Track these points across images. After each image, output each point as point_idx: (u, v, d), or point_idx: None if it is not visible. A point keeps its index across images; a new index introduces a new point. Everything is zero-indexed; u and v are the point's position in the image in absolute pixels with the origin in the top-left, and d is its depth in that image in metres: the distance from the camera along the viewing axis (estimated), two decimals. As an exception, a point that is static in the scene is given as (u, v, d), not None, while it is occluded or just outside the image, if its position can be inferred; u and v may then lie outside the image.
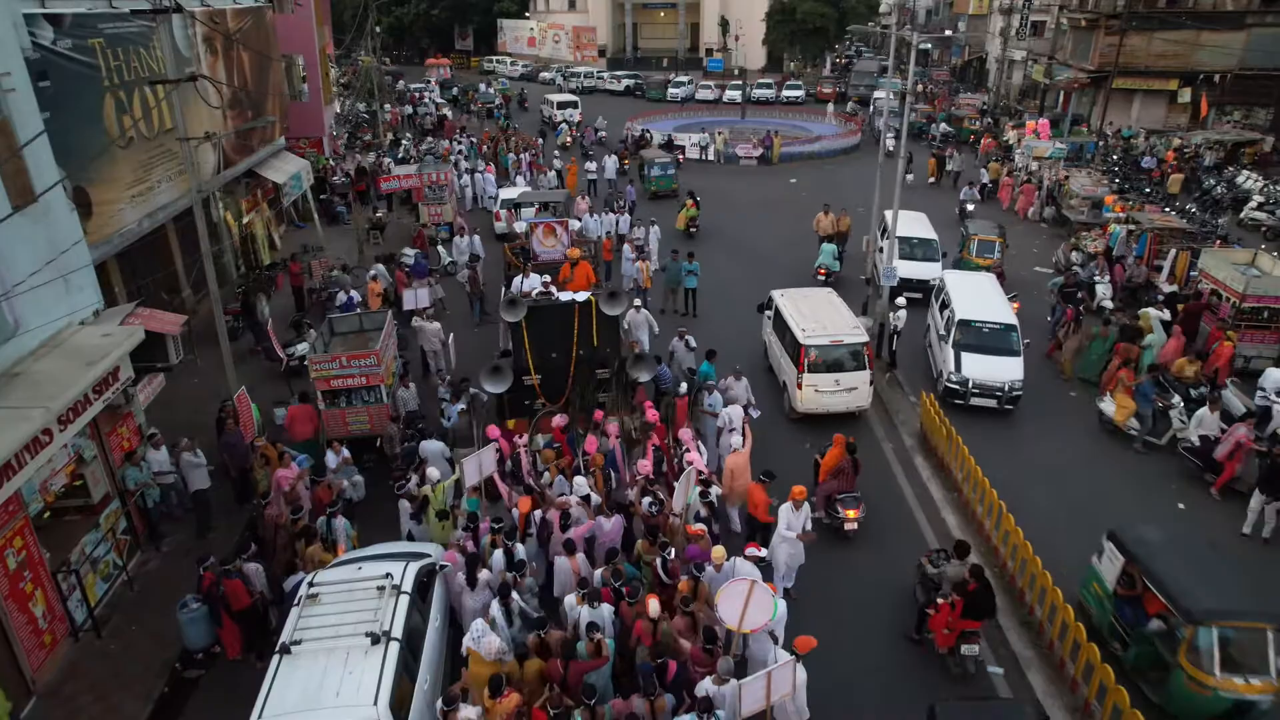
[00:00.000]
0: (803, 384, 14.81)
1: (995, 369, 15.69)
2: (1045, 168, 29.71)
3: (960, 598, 9.62)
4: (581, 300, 13.17)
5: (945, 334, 16.52)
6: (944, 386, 15.97)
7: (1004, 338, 16.05)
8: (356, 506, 13.29)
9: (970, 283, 17.92)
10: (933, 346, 17.69)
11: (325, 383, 13.74)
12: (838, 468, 12.28)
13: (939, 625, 9.85)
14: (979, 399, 15.65)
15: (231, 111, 20.35)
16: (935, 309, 18.05)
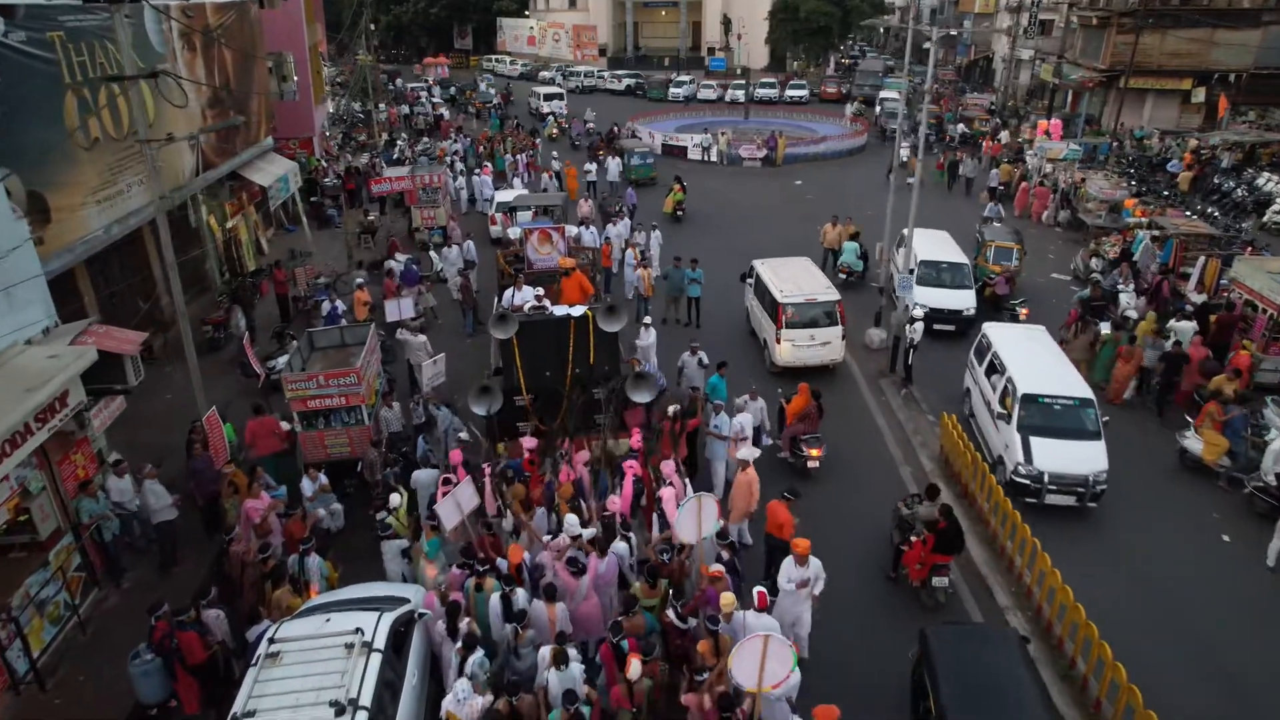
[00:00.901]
0: (781, 339, 16.40)
1: (1075, 458, 12.38)
2: (1060, 170, 28.70)
3: (931, 535, 10.55)
4: (578, 315, 12.20)
5: (1005, 412, 13.19)
6: (1010, 479, 12.56)
7: (1081, 416, 12.83)
8: (336, 537, 12.38)
9: (1023, 342, 14.70)
10: (978, 417, 14.72)
11: (302, 403, 12.76)
12: (803, 412, 13.63)
13: (912, 560, 10.82)
14: (1057, 496, 12.43)
15: (211, 111, 19.39)
16: (976, 368, 15.09)
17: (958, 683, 7.96)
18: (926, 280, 18.36)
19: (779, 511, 10.66)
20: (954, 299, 18.66)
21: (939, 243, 20.59)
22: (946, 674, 8.08)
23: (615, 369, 12.68)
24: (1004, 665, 8.14)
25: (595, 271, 16.93)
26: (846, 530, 12.32)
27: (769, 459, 13.35)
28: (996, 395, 13.78)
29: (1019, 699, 7.72)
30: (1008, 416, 13.09)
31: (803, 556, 9.20)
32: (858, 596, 11.12)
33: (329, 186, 29.74)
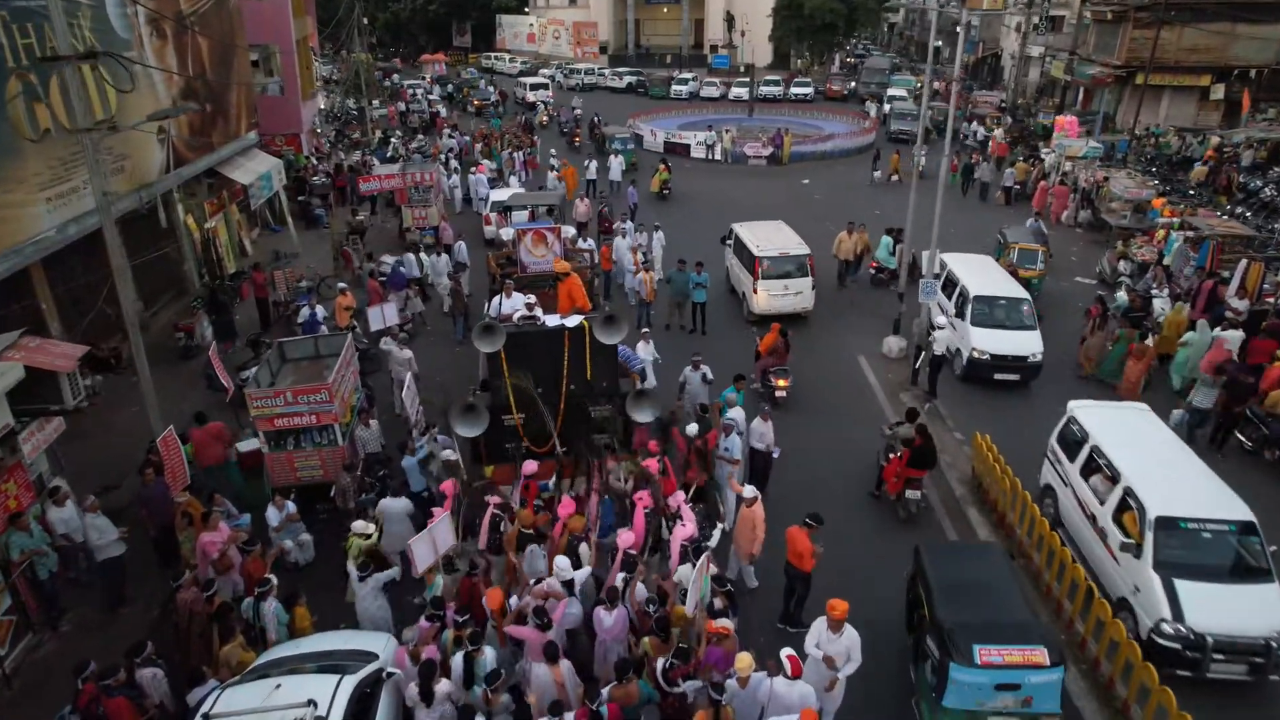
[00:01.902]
0: (758, 289, 18.11)
1: (1244, 610, 9.06)
2: (1080, 168, 27.47)
3: (907, 449, 11.50)
4: (572, 326, 10.98)
5: (1133, 542, 9.62)
6: (1150, 640, 9.10)
7: (1238, 549, 9.56)
8: (306, 572, 11.18)
9: (1134, 432, 11.10)
10: (1076, 534, 11.05)
11: (268, 421, 11.54)
12: (772, 347, 15.29)
13: (890, 474, 11.81)
14: (1224, 666, 8.95)
15: (185, 103, 18.14)
16: (1063, 462, 11.50)
17: (948, 587, 8.68)
18: (982, 319, 15.69)
19: (799, 539, 9.50)
20: (1017, 343, 15.54)
21: (990, 272, 17.45)
22: (938, 580, 8.82)
23: (614, 385, 11.46)
24: (989, 572, 8.96)
25: (595, 275, 15.70)
26: (869, 552, 11.32)
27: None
28: (1108, 511, 10.22)
29: (1003, 599, 8.55)
30: (1136, 548, 9.55)
31: (838, 621, 7.85)
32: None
33: (317, 185, 28.53)
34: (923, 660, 8.49)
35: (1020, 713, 7.80)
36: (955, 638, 7.92)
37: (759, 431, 11.92)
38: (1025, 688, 7.72)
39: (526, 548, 9.53)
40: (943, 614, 8.27)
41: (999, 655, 7.74)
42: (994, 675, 7.71)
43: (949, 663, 7.81)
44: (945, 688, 7.82)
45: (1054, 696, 7.80)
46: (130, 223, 17.64)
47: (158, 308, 19.95)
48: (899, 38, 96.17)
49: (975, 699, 7.77)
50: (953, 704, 7.81)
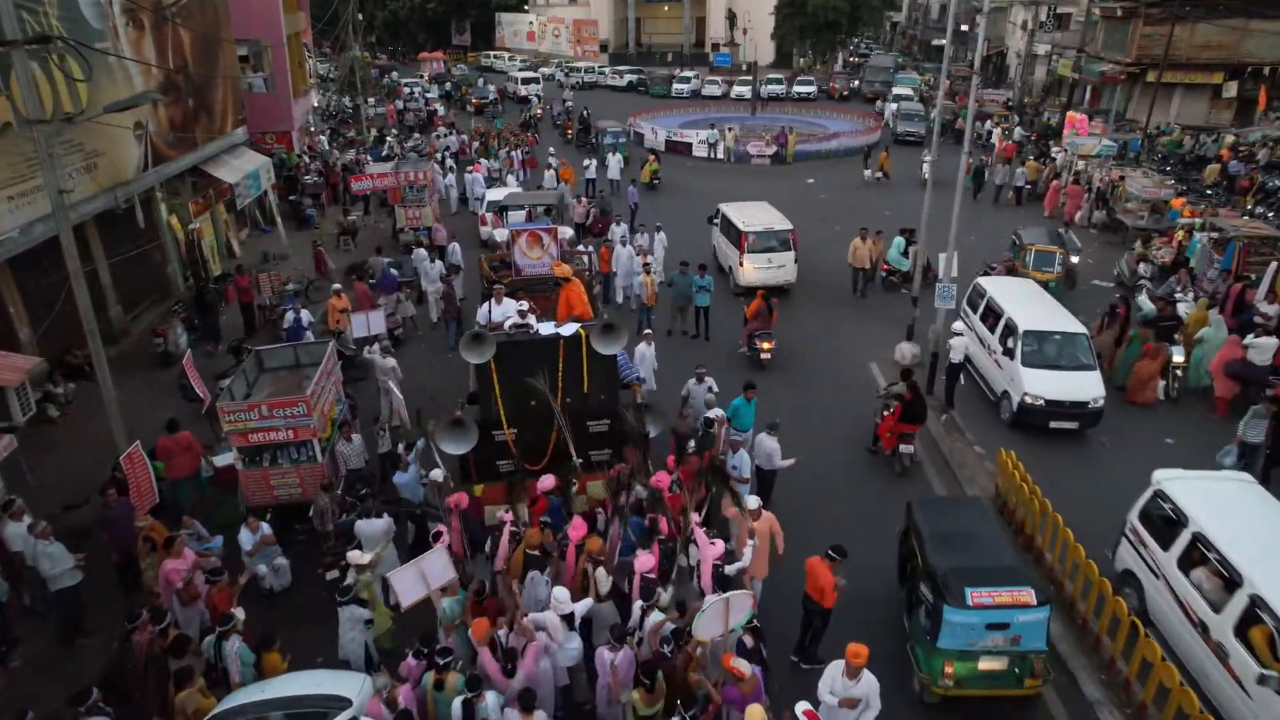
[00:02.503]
0: (744, 262, 19.20)
1: None
2: (1093, 167, 26.66)
3: (900, 405, 12.19)
4: (568, 334, 10.18)
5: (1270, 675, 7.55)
6: None
7: None
8: (281, 600, 10.42)
9: (1252, 518, 9.06)
10: (1177, 638, 9.02)
11: (242, 437, 10.76)
12: (757, 311, 16.17)
13: (884, 430, 12.65)
14: None
15: (166, 98, 17.37)
16: (1151, 547, 9.52)
17: (939, 536, 9.08)
18: (1034, 359, 13.70)
19: (820, 573, 8.72)
20: (1076, 386, 13.46)
21: (1038, 302, 15.18)
22: (929, 531, 9.20)
23: (613, 398, 10.67)
24: (977, 523, 9.39)
25: (594, 279, 14.91)
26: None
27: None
28: (1230, 622, 8.17)
29: (991, 546, 8.97)
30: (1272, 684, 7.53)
31: (856, 668, 7.12)
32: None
33: (309, 184, 27.74)
34: (916, 607, 8.96)
35: (1009, 651, 8.27)
36: (948, 581, 8.34)
37: (766, 449, 11.16)
38: (1014, 627, 8.16)
39: (529, 573, 8.74)
40: (935, 561, 8.69)
41: (989, 597, 8.19)
42: (985, 615, 8.16)
43: (943, 605, 8.22)
44: (939, 630, 8.24)
45: (1041, 635, 8.23)
46: (109, 223, 16.89)
47: (139, 311, 19.17)
48: (901, 36, 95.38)
49: (968, 639, 8.21)
50: (947, 645, 8.24)
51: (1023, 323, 14.07)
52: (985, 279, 15.96)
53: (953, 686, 8.33)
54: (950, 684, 8.33)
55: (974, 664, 8.31)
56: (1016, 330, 13.96)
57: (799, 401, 14.81)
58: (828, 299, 19.78)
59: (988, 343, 14.90)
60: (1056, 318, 14.60)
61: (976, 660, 8.29)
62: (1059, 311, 14.89)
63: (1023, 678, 8.33)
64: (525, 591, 8.56)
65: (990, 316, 15.10)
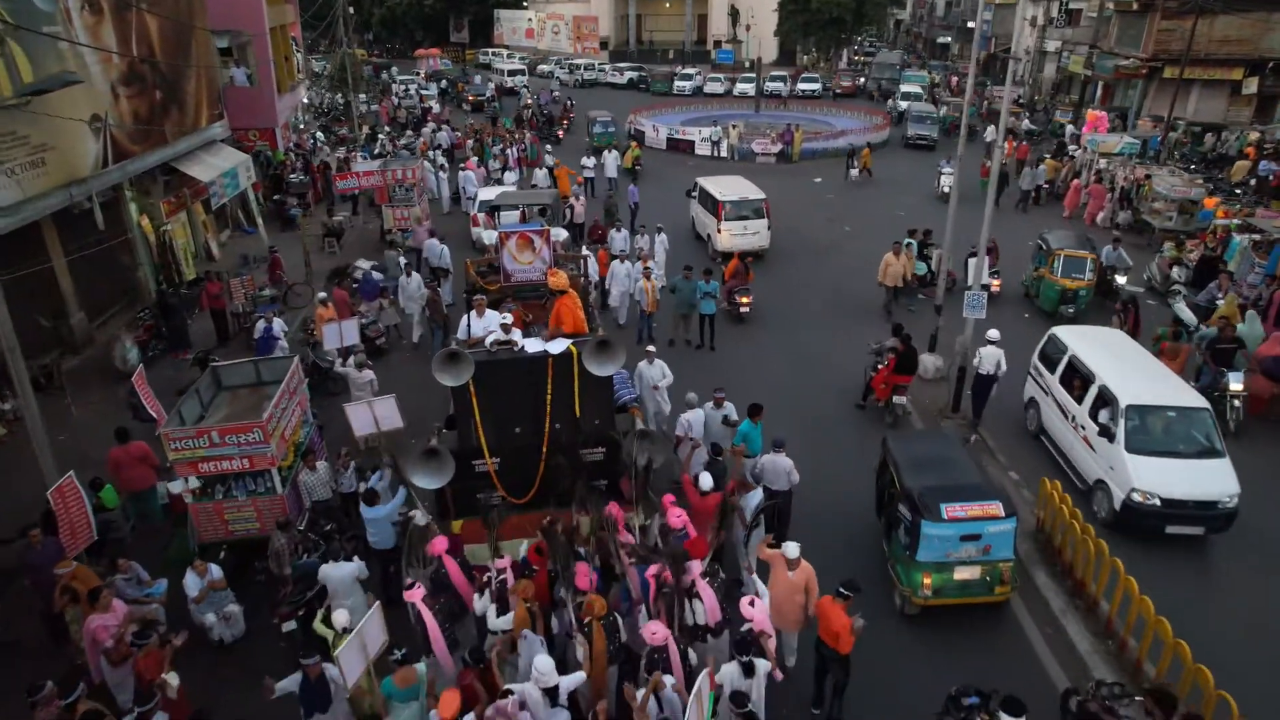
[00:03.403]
0: (721, 229, 20.70)
1: None
2: (1116, 166, 25.39)
3: (894, 357, 12.85)
4: (558, 353, 8.95)
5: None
6: None
7: None
8: (234, 650, 9.19)
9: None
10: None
11: (191, 466, 9.54)
12: (735, 270, 17.71)
13: (878, 382, 13.19)
14: None
15: (129, 89, 16.13)
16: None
17: (913, 462, 9.80)
18: (1142, 443, 10.81)
19: (833, 615, 7.65)
20: (1201, 479, 10.51)
21: (1137, 363, 12.25)
22: (904, 459, 9.91)
23: (609, 423, 9.43)
24: (946, 450, 10.16)
25: (589, 286, 13.67)
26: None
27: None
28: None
29: (961, 468, 9.72)
30: None
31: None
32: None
33: (294, 183, 26.49)
34: (895, 528, 9.67)
35: (981, 561, 9.08)
36: (925, 499, 9.10)
37: (783, 468, 10.03)
38: (985, 537, 8.99)
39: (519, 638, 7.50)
40: (911, 482, 9.41)
41: (962, 510, 8.99)
42: (959, 528, 8.96)
43: (920, 521, 8.99)
44: (918, 544, 9.04)
45: (1009, 544, 9.10)
46: (70, 223, 15.67)
47: (107, 317, 17.95)
48: (905, 34, 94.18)
49: (944, 550, 9.00)
50: (925, 557, 9.03)
51: (1124, 394, 11.04)
52: (1064, 330, 13.09)
53: (931, 597, 9.18)
54: (929, 594, 9.17)
55: (949, 575, 9.13)
56: (1116, 404, 11.02)
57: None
58: (843, 309, 18.38)
59: (1072, 414, 11.90)
60: (1168, 387, 11.49)
61: (952, 571, 9.12)
62: (1168, 378, 11.79)
63: (993, 585, 9.22)
64: (520, 654, 7.35)
65: (1074, 379, 12.11)
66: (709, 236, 21.93)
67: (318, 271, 20.71)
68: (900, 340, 13.06)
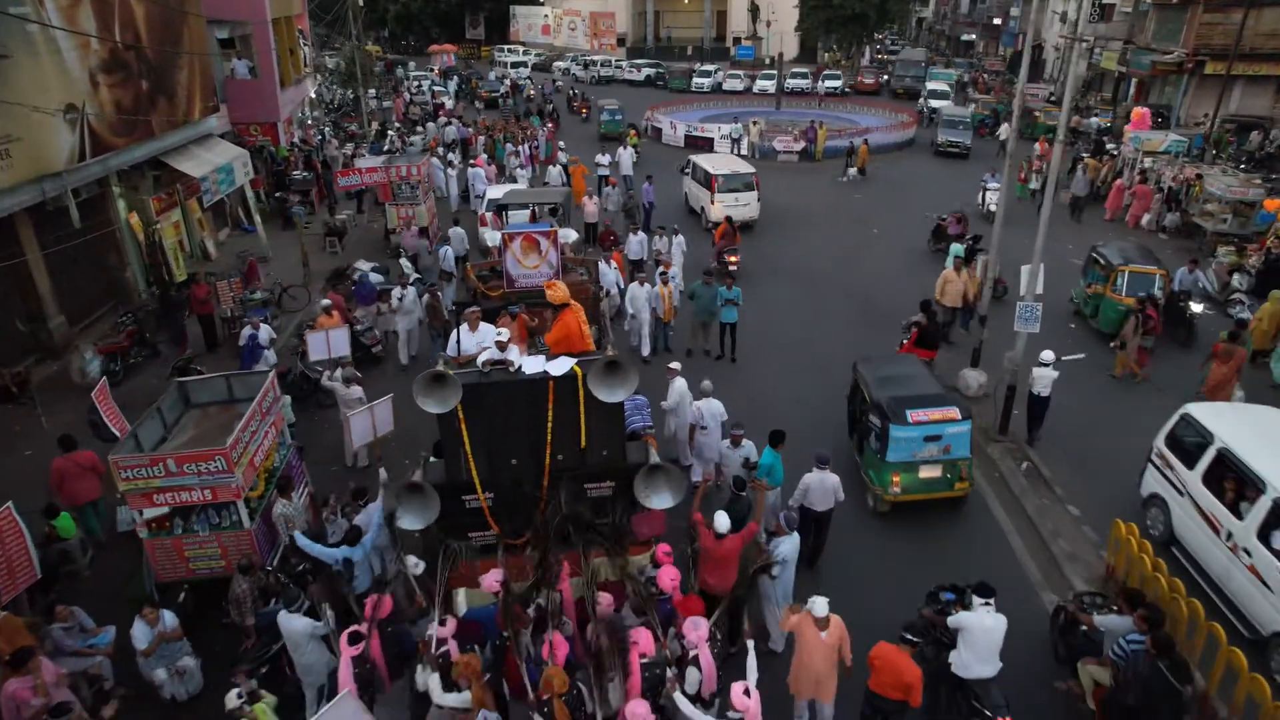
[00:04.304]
0: (714, 201, 22.20)
1: None
2: (1163, 165, 23.90)
3: (917, 330, 13.10)
4: (560, 374, 7.74)
5: None
6: None
7: None
8: (189, 709, 8.07)
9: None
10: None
11: (145, 498, 8.42)
12: (724, 233, 19.11)
13: (901, 354, 13.05)
14: None
15: (111, 77, 15.08)
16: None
17: (881, 379, 10.92)
18: None
19: (903, 664, 6.80)
20: None
21: None
22: (873, 377, 10.98)
23: (618, 453, 8.21)
24: (909, 370, 11.39)
25: (597, 292, 12.44)
26: None
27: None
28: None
29: (922, 382, 10.92)
30: None
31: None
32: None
33: (297, 180, 25.45)
34: (865, 438, 10.81)
35: (942, 459, 10.25)
36: (893, 407, 10.24)
37: (824, 489, 9.20)
38: (945, 438, 10.16)
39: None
40: (880, 395, 10.52)
41: (925, 415, 10.17)
42: (922, 430, 10.11)
43: (889, 426, 10.12)
44: (888, 446, 10.17)
45: (965, 444, 10.30)
46: (49, 221, 14.67)
47: (92, 321, 16.96)
48: (928, 32, 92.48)
49: (910, 451, 10.16)
50: (894, 458, 10.17)
51: None
52: (1200, 408, 10.17)
53: (900, 494, 10.36)
54: (898, 491, 10.35)
55: (915, 473, 10.30)
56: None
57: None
58: (873, 320, 16.91)
59: (1225, 526, 8.98)
60: None
61: (917, 470, 10.29)
62: None
63: (953, 481, 10.45)
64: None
65: (1226, 480, 9.20)
66: (702, 209, 23.29)
67: (318, 272, 19.68)
68: (924, 315, 13.09)
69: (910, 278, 18.68)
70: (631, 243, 18.95)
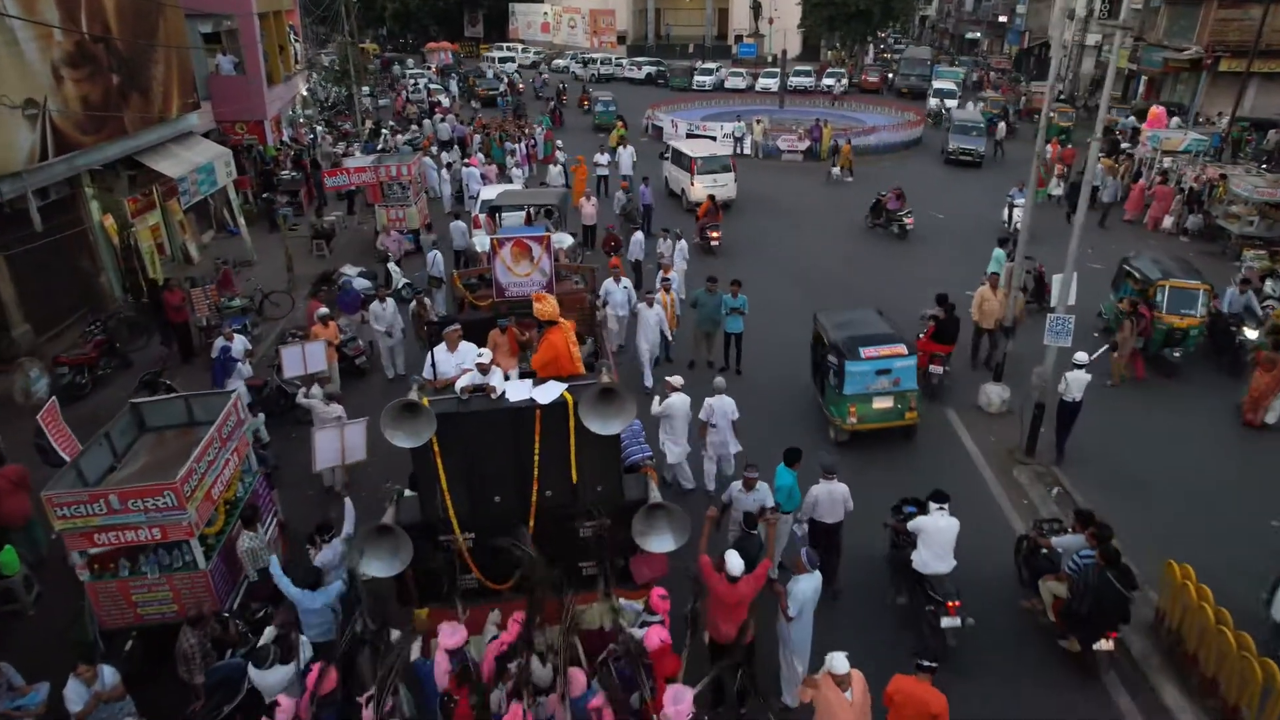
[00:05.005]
0: (694, 183, 23.50)
1: None
2: (1184, 165, 23.00)
3: (933, 324, 13.09)
4: (548, 402, 6.84)
5: None
6: None
7: None
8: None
9: None
10: None
11: (84, 538, 7.54)
12: (707, 210, 20.67)
13: (917, 348, 12.58)
14: None
15: (76, 71, 14.18)
16: None
17: (838, 324, 12.27)
18: None
19: (928, 695, 6.18)
20: None
21: None
22: (831, 324, 12.30)
23: (615, 489, 7.32)
24: (862, 316, 12.65)
25: (593, 301, 11.53)
26: None
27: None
28: None
29: (874, 325, 12.21)
30: None
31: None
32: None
33: (285, 181, 24.57)
34: (825, 376, 12.08)
35: (892, 391, 11.59)
36: (848, 345, 11.54)
37: (833, 501, 8.67)
38: (894, 371, 11.49)
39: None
40: (837, 336, 11.76)
41: (876, 351, 11.48)
42: (874, 364, 11.43)
43: (845, 362, 11.42)
44: (844, 380, 11.47)
45: (913, 377, 11.68)
46: (9, 222, 13.79)
47: (61, 329, 16.06)
48: (931, 30, 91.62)
49: (864, 384, 11.49)
50: (850, 390, 11.49)
51: None
52: None
53: (857, 424, 11.63)
54: (855, 421, 11.62)
55: (869, 404, 11.60)
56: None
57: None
58: None
59: None
60: None
61: (871, 401, 11.58)
62: None
63: (904, 411, 11.73)
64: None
65: None
66: (683, 190, 24.52)
67: (303, 277, 18.81)
68: (943, 308, 12.87)
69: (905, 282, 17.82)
70: (632, 243, 18.17)
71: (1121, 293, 15.17)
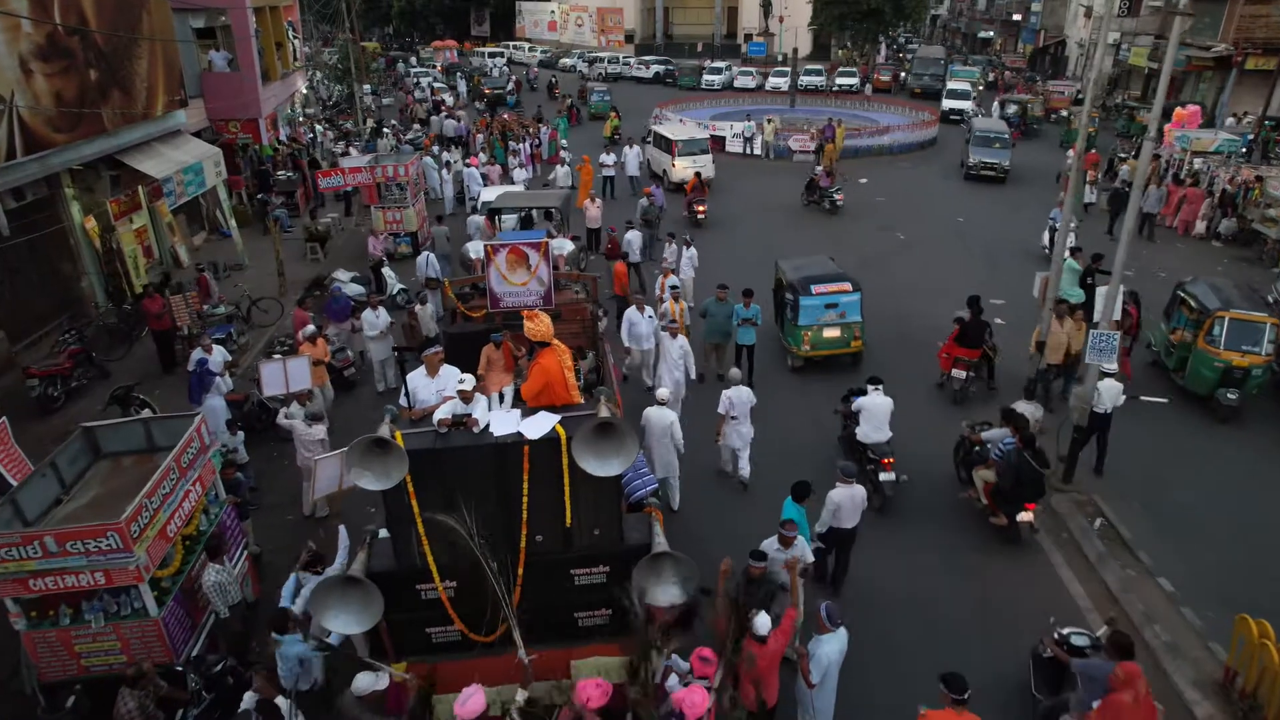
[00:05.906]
0: (675, 163, 25.63)
1: None
2: (1217, 166, 22.01)
3: (959, 327, 12.68)
4: (538, 436, 5.99)
5: None
6: None
7: None
8: None
9: None
10: None
11: (18, 584, 6.71)
12: (694, 186, 22.63)
13: (941, 352, 13.29)
14: None
15: (49, 65, 13.39)
16: None
17: (794, 267, 14.11)
18: None
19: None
20: None
21: None
22: (790, 269, 14.08)
23: (615, 532, 6.45)
24: (817, 260, 14.70)
25: (595, 312, 10.68)
26: None
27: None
28: None
29: (824, 268, 14.08)
30: None
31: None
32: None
33: (281, 181, 23.79)
34: (782, 313, 14.41)
35: (840, 322, 13.52)
36: (801, 283, 13.48)
37: (854, 504, 8.48)
38: (840, 305, 13.39)
39: None
40: (793, 277, 13.76)
41: (825, 288, 13.40)
42: (823, 299, 13.35)
43: (799, 298, 13.37)
44: (799, 313, 13.44)
45: (857, 310, 13.56)
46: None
47: (38, 336, 15.29)
48: (943, 30, 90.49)
49: (816, 317, 13.44)
50: (804, 322, 13.44)
51: None
52: None
53: (810, 351, 13.56)
54: (808, 349, 13.54)
55: (820, 334, 13.47)
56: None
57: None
58: (912, 347, 14.81)
59: None
60: None
61: (822, 331, 13.45)
62: None
63: (849, 340, 13.65)
64: None
65: None
66: (664, 171, 26.40)
67: (295, 282, 18.04)
68: (971, 310, 12.55)
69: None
70: (633, 243, 17.37)
71: (1175, 323, 13.41)
